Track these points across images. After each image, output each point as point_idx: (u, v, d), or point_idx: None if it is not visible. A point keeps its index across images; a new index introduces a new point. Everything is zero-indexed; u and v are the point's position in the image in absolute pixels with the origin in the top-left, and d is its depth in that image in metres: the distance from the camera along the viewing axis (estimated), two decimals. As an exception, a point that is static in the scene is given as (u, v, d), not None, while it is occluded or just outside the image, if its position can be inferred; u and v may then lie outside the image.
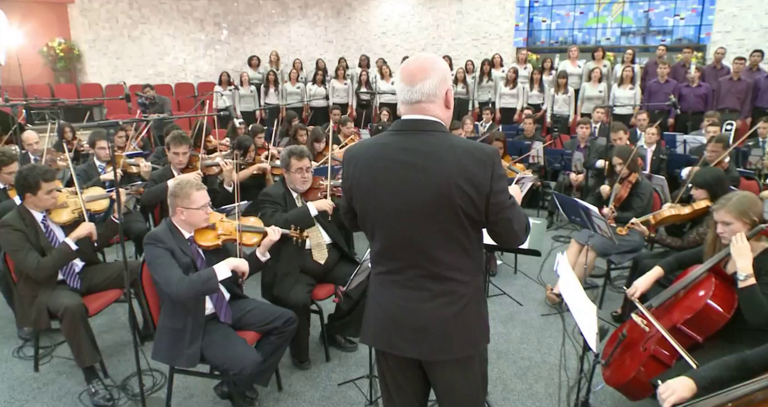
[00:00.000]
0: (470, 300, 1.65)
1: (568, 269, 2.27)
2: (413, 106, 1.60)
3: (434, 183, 1.53)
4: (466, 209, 1.54)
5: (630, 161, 3.89)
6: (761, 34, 8.76)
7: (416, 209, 1.56)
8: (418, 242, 1.60)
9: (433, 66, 1.59)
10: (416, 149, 1.56)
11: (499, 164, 1.56)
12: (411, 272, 1.64)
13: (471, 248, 1.62)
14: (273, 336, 2.79)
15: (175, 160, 3.99)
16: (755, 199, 2.39)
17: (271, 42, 11.93)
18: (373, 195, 1.64)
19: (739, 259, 2.26)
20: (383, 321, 1.70)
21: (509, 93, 8.65)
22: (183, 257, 2.53)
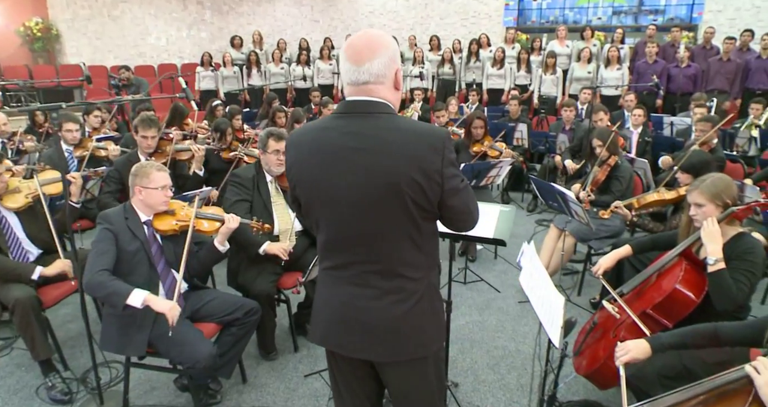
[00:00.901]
0: (422, 298, 1.54)
1: (534, 259, 2.17)
2: (360, 87, 1.47)
3: (380, 171, 1.41)
4: (416, 198, 1.43)
5: (609, 144, 3.78)
6: (753, 13, 8.60)
7: (361, 200, 1.45)
8: (364, 235, 1.49)
9: (381, 44, 1.46)
10: (361, 134, 1.44)
11: (450, 149, 1.45)
12: (357, 268, 1.53)
13: (422, 242, 1.51)
14: (234, 328, 2.69)
15: (143, 144, 3.85)
16: (729, 181, 2.30)
17: (255, 21, 11.65)
18: (315, 184, 1.52)
19: (710, 243, 2.18)
20: (330, 319, 1.60)
21: (496, 74, 8.46)
22: (131, 242, 2.43)
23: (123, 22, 10.82)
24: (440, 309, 1.64)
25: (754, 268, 2.16)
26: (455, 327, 3.46)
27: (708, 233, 2.19)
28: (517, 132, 5.78)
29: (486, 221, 2.24)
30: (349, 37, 1.53)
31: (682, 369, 2.17)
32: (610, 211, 3.35)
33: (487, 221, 2.23)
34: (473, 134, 4.64)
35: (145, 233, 2.50)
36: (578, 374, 2.51)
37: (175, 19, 11.26)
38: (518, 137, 5.81)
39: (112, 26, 10.74)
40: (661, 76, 7.45)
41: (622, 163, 3.84)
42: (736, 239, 2.26)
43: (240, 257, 3.01)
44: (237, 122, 5.58)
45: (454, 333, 3.37)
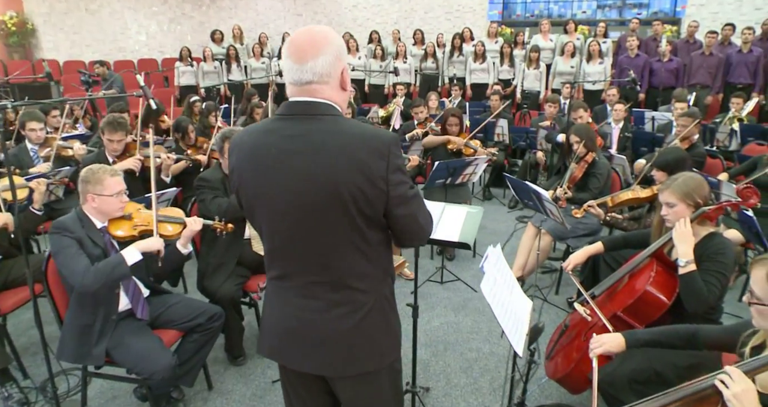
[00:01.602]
0: (372, 310, 1.46)
1: (500, 263, 2.10)
2: (303, 87, 1.38)
3: (321, 177, 1.33)
4: (360, 206, 1.34)
5: (587, 140, 3.71)
6: (735, 7, 8.58)
7: (303, 207, 1.36)
8: (308, 244, 1.41)
9: (326, 41, 1.37)
10: (302, 137, 1.35)
11: (397, 154, 1.36)
12: (303, 279, 1.45)
13: (370, 252, 1.43)
14: (197, 334, 2.60)
15: (110, 147, 3.72)
16: (701, 181, 2.25)
17: (237, 15, 11.47)
18: (255, 190, 1.43)
19: (680, 244, 2.13)
20: (277, 332, 1.52)
21: (480, 68, 8.39)
22: (93, 249, 2.32)
23: (101, 16, 10.59)
24: (394, 321, 1.57)
25: (724, 269, 2.12)
26: (430, 328, 3.40)
27: (679, 234, 2.14)
28: (498, 128, 5.71)
29: (452, 223, 2.17)
30: (291, 34, 1.43)
31: (652, 373, 2.12)
32: (583, 210, 3.29)
33: (452, 224, 2.16)
34: (448, 131, 4.56)
35: (103, 240, 2.40)
36: (550, 378, 2.46)
37: (155, 13, 11.04)
38: (499, 133, 5.74)
39: (90, 20, 10.52)
40: (643, 70, 7.42)
41: (600, 159, 3.78)
42: (707, 239, 2.21)
43: (208, 260, 2.92)
44: (213, 118, 5.46)
45: (428, 336, 3.31)
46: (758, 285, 1.34)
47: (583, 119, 5.18)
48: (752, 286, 1.36)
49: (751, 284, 1.37)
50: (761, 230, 2.92)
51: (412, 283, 3.94)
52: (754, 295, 1.35)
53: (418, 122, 5.50)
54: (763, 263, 1.34)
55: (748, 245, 3.65)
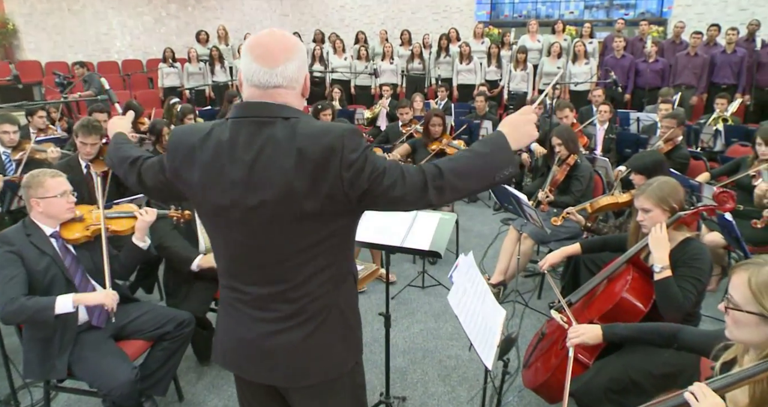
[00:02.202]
0: (327, 318, 1.40)
1: (472, 271, 2.03)
2: (268, 91, 1.30)
3: (274, 186, 1.25)
4: (316, 210, 1.27)
5: (568, 142, 3.67)
6: (721, 7, 8.60)
7: (256, 218, 1.29)
8: (260, 255, 1.34)
9: (295, 46, 1.33)
10: (252, 142, 1.28)
11: (352, 147, 1.24)
12: (255, 290, 1.38)
13: (326, 258, 1.36)
14: (166, 342, 2.53)
15: (83, 150, 3.63)
16: (676, 185, 2.21)
17: (223, 16, 11.37)
18: (202, 196, 1.35)
19: (656, 250, 2.09)
20: (230, 341, 1.46)
21: (466, 69, 8.34)
22: (39, 259, 2.24)
23: (84, 17, 10.45)
24: (354, 326, 1.50)
25: (700, 275, 2.07)
26: (409, 335, 3.34)
27: (654, 240, 2.10)
28: (483, 129, 5.66)
29: (423, 230, 2.10)
30: (252, 36, 1.36)
31: (628, 382, 2.07)
32: (561, 217, 3.24)
33: (424, 231, 2.09)
34: (431, 132, 4.51)
35: (53, 246, 2.31)
36: (526, 387, 2.40)
37: (139, 13, 10.91)
38: (483, 135, 5.68)
39: (72, 21, 10.37)
40: (629, 71, 7.41)
41: (582, 162, 3.74)
42: (683, 244, 2.16)
43: (170, 274, 2.85)
44: (189, 121, 5.37)
45: (407, 343, 3.25)
46: (737, 290, 1.29)
47: (569, 119, 5.15)
48: (731, 291, 1.31)
49: (729, 290, 1.32)
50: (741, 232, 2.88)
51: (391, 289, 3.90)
52: (731, 301, 1.30)
53: (403, 124, 5.44)
54: (745, 268, 1.30)
55: (730, 248, 3.62)
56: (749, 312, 1.26)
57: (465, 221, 5.34)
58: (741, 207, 3.73)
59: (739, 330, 1.32)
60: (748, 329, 1.28)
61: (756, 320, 1.26)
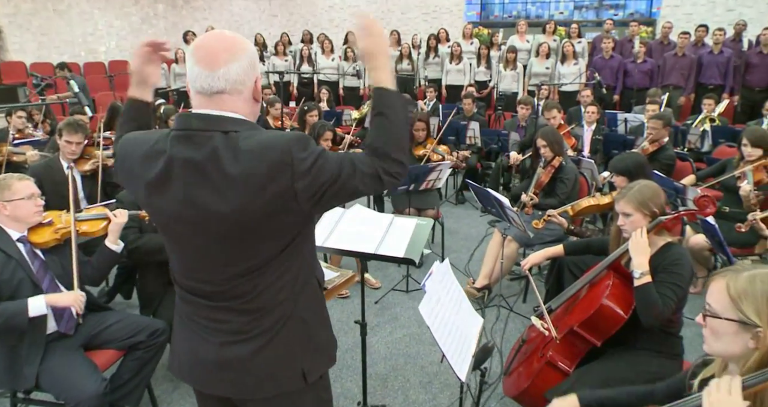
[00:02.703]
0: (285, 329, 1.35)
1: (447, 279, 1.98)
2: (212, 98, 1.23)
3: (222, 205, 1.20)
4: (270, 225, 1.23)
5: (554, 144, 3.63)
6: (709, 8, 8.62)
7: (205, 235, 1.25)
8: (213, 270, 1.30)
9: (240, 46, 1.25)
10: (192, 158, 1.21)
11: (302, 157, 1.18)
12: (209, 302, 1.34)
13: (282, 268, 1.31)
14: (139, 351, 2.47)
15: (67, 149, 3.55)
16: (657, 189, 2.17)
17: (212, 16, 11.28)
18: (149, 209, 1.33)
19: (636, 255, 2.04)
20: (186, 352, 1.42)
21: (456, 69, 8.30)
22: (4, 265, 2.17)
23: (70, 17, 10.32)
24: (318, 336, 1.44)
25: (680, 281, 2.03)
26: (392, 340, 3.29)
27: (635, 245, 2.06)
28: (470, 130, 5.62)
29: (399, 236, 2.05)
30: (197, 38, 1.30)
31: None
32: (543, 220, 3.20)
33: (400, 237, 2.04)
34: (414, 136, 4.45)
35: (20, 251, 2.25)
36: (507, 395, 2.36)
37: (126, 13, 10.80)
38: (471, 136, 5.65)
39: (58, 21, 10.24)
40: (618, 71, 7.40)
41: (567, 164, 3.70)
42: (664, 249, 2.12)
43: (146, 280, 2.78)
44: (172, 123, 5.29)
45: (389, 348, 3.20)
46: (715, 298, 1.24)
47: (556, 120, 5.12)
48: (708, 300, 1.27)
49: (707, 299, 1.28)
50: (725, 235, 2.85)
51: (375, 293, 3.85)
52: (710, 310, 1.25)
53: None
54: (723, 275, 1.25)
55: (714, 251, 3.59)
56: (728, 319, 1.21)
57: (452, 223, 5.29)
58: (727, 209, 3.72)
59: (717, 341, 1.26)
60: (727, 338, 1.22)
61: (735, 328, 1.21)
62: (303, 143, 1.20)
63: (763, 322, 1.17)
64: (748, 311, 1.18)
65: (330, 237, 2.05)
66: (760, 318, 1.17)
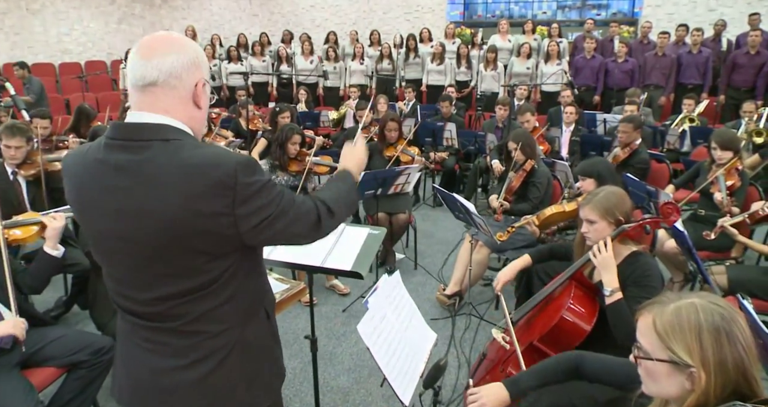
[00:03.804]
0: (230, 355, 1.27)
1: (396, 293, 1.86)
2: (145, 91, 1.15)
3: (154, 218, 1.13)
4: (204, 246, 1.15)
5: (525, 146, 3.53)
6: (690, 8, 8.59)
7: (137, 252, 1.17)
8: (147, 289, 1.21)
9: (183, 44, 1.20)
10: (131, 170, 1.13)
11: (246, 182, 1.13)
12: (145, 323, 1.25)
13: (223, 291, 1.23)
14: (82, 370, 2.32)
15: (8, 154, 3.39)
16: (623, 196, 2.07)
17: (191, 16, 11.09)
18: (87, 225, 1.25)
19: (605, 272, 1.94)
20: (126, 376, 1.33)
21: (436, 70, 8.20)
22: None
23: (44, 16, 10.09)
24: (264, 365, 1.36)
25: (652, 294, 1.93)
26: (356, 351, 3.17)
27: (601, 260, 1.96)
28: (446, 132, 5.52)
29: (348, 247, 1.93)
30: None
31: (571, 408, 1.93)
32: (507, 232, 3.10)
33: (349, 248, 1.93)
34: (387, 137, 4.34)
35: None
36: (468, 412, 2.25)
37: (102, 12, 10.58)
38: (447, 137, 5.55)
39: (32, 20, 10.01)
40: (599, 71, 7.34)
41: (539, 167, 3.60)
42: (630, 260, 2.02)
43: (96, 285, 2.64)
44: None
45: (354, 360, 3.08)
46: (644, 336, 1.11)
47: (530, 123, 5.03)
48: (638, 338, 1.13)
49: (637, 337, 1.14)
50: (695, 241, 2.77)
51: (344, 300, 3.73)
52: (641, 349, 1.12)
53: (363, 127, 5.26)
54: (649, 309, 1.12)
55: (691, 254, 3.52)
56: (659, 360, 1.08)
57: (428, 226, 5.19)
58: (703, 212, 3.64)
59: (653, 383, 1.12)
60: (663, 380, 1.08)
61: (668, 368, 1.07)
62: (252, 168, 1.15)
63: (696, 360, 1.03)
64: (678, 349, 1.05)
65: (275, 249, 1.93)
66: (692, 355, 1.03)
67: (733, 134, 3.66)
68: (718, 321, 1.03)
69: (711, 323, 1.03)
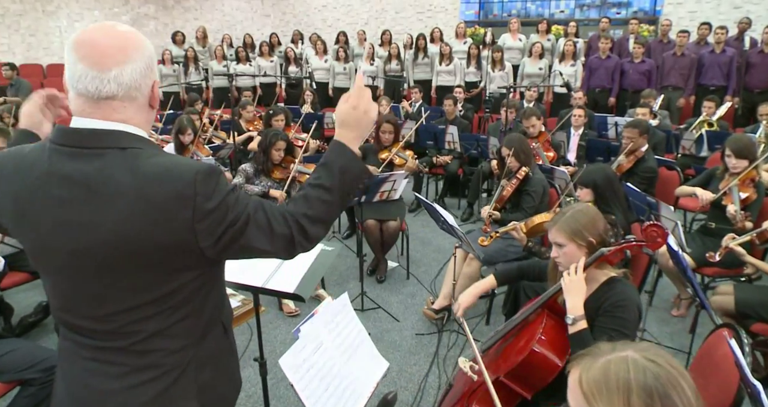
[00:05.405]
0: (184, 373, 1.18)
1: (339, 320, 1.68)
2: (100, 104, 1.05)
3: (108, 229, 1.03)
4: (163, 260, 1.07)
5: (519, 153, 3.32)
6: (714, 5, 8.20)
7: (87, 264, 1.07)
8: (97, 303, 1.11)
9: (136, 45, 1.07)
10: (81, 180, 1.03)
11: (207, 194, 1.04)
12: (93, 341, 1.14)
13: (183, 307, 1.14)
14: (33, 387, 2.21)
15: None
16: (594, 216, 1.85)
17: (203, 17, 11.09)
18: (25, 237, 1.12)
19: (569, 296, 1.73)
20: (69, 399, 1.20)
21: (446, 70, 7.99)
22: None
23: (59, 18, 10.20)
24: (219, 385, 1.27)
25: (623, 326, 1.72)
26: (333, 368, 3.00)
27: (568, 285, 1.74)
28: (448, 135, 5.31)
29: (295, 266, 1.76)
30: (81, 31, 1.06)
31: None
32: (491, 238, 2.90)
33: (296, 267, 1.76)
34: (381, 140, 4.15)
35: None
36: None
37: (115, 14, 10.65)
38: (449, 140, 5.34)
39: (46, 22, 10.13)
40: (614, 72, 7.04)
41: (534, 175, 3.38)
42: (606, 287, 1.81)
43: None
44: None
45: (328, 378, 2.91)
46: (572, 395, 0.92)
47: (536, 127, 4.80)
48: (568, 396, 0.95)
49: (568, 395, 0.96)
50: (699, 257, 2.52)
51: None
52: None
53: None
54: (580, 361, 0.94)
55: (699, 269, 3.26)
56: None
57: (426, 233, 5.00)
58: (713, 225, 3.38)
59: None
60: None
61: None
62: (213, 178, 1.06)
63: None
64: None
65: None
66: None
67: (750, 141, 3.38)
68: (650, 382, 0.86)
69: (642, 384, 0.86)
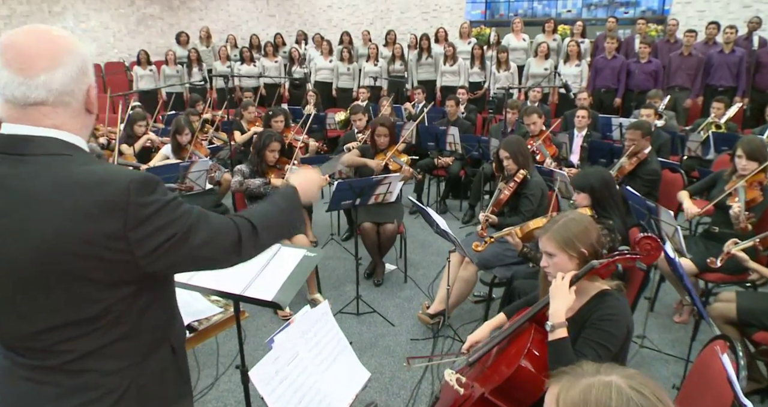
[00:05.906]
0: (124, 396, 1.12)
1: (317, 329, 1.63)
2: (28, 110, 1.02)
3: (33, 239, 1.00)
4: (94, 273, 1.03)
5: (517, 155, 3.26)
6: (723, 5, 8.07)
7: (11, 277, 1.03)
8: (25, 320, 1.06)
9: (67, 48, 1.04)
10: (5, 187, 1.01)
11: (141, 202, 1.02)
12: (27, 360, 1.10)
13: (119, 325, 1.09)
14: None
15: None
16: (587, 225, 1.77)
17: (208, 17, 11.11)
18: None
19: (552, 301, 1.66)
20: None
21: (450, 71, 7.90)
22: None
23: (65, 19, 10.24)
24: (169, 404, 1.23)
25: (607, 340, 1.64)
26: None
27: (554, 289, 1.67)
28: (449, 136, 5.25)
29: (277, 271, 1.72)
30: (6, 34, 1.03)
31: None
32: (485, 243, 2.83)
33: (278, 273, 1.71)
34: (377, 143, 4.08)
35: None
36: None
37: (121, 14, 10.68)
38: (450, 142, 5.28)
39: (53, 23, 10.12)
40: (620, 72, 6.94)
41: (532, 178, 3.31)
42: (596, 300, 1.73)
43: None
44: (139, 128, 5.08)
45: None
46: None
47: (537, 125, 4.73)
48: None
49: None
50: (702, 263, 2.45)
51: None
52: None
53: (358, 131, 5.05)
54: (560, 378, 0.89)
55: (701, 275, 3.18)
56: None
57: (426, 236, 4.94)
58: (716, 229, 3.29)
59: None
60: None
61: None
62: (149, 187, 1.04)
63: None
64: None
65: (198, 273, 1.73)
66: None
67: (762, 143, 3.29)
68: None
69: None
